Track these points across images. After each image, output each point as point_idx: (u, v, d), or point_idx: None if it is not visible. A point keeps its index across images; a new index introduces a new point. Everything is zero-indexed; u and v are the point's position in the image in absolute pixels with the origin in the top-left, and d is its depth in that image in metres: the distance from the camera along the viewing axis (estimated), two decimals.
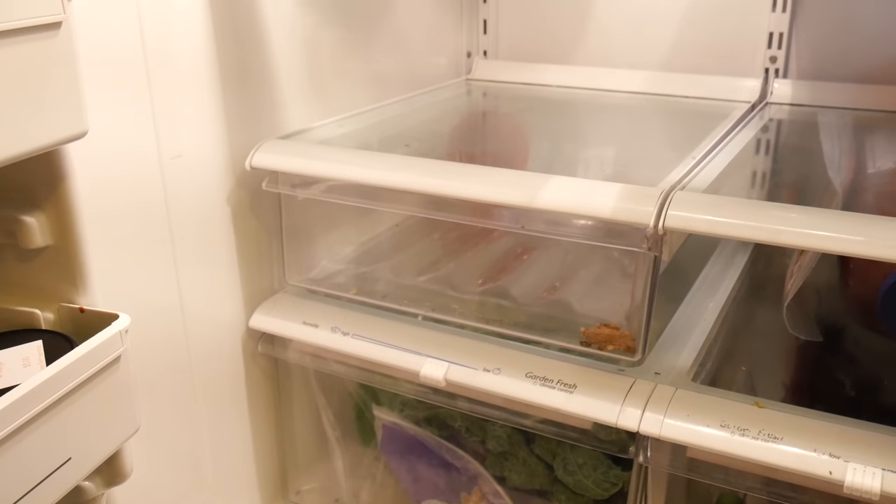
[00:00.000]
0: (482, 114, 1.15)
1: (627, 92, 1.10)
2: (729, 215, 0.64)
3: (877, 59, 0.99)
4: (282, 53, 0.86)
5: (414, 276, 0.90)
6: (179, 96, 0.74)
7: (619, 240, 0.69)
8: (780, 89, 1.04)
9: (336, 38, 0.94)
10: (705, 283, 0.89)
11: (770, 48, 1.04)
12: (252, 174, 0.82)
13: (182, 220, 0.76)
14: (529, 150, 0.96)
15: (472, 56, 1.23)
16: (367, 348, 0.80)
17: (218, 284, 0.83)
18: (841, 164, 0.84)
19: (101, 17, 0.64)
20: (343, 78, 0.96)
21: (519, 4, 1.19)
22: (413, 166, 0.77)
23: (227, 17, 0.77)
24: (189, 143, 0.76)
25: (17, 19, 0.42)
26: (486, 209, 0.75)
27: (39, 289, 0.56)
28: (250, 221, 0.85)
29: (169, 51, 0.72)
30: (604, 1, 1.13)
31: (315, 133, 0.88)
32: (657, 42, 1.11)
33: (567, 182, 0.70)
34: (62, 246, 0.54)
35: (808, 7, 1.02)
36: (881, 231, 0.60)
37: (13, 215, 0.54)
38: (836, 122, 0.98)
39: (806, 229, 0.61)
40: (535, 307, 0.83)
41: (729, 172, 0.78)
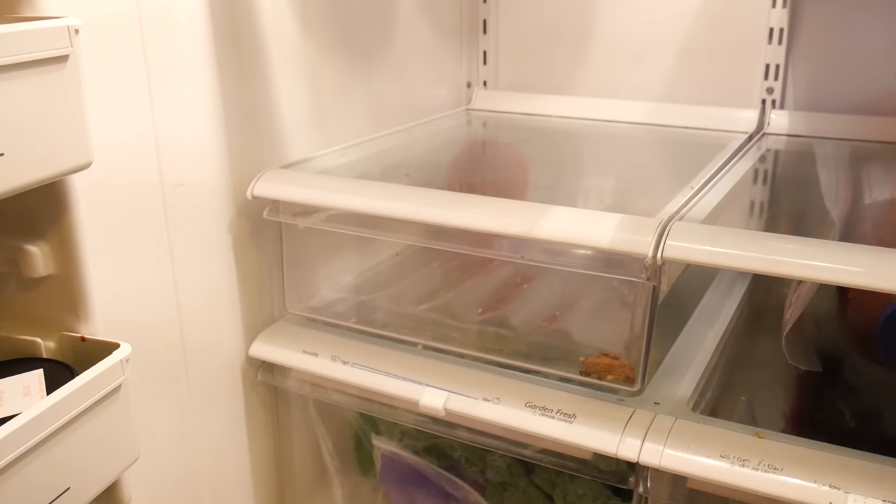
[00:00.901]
0: (482, 144, 1.16)
1: (626, 122, 1.11)
2: (727, 246, 0.64)
3: (872, 90, 1.00)
4: (284, 84, 0.87)
5: (414, 305, 0.90)
6: (183, 125, 0.74)
7: (618, 270, 0.69)
8: (778, 120, 1.05)
9: (338, 68, 0.95)
10: (704, 312, 0.90)
11: (767, 80, 1.05)
12: (253, 203, 0.82)
13: (183, 249, 0.77)
14: (529, 179, 0.96)
15: (472, 86, 1.24)
16: (366, 377, 0.80)
17: (218, 313, 0.83)
18: (838, 195, 0.85)
19: (106, 47, 0.65)
20: (344, 108, 0.97)
21: (518, 36, 1.20)
22: (413, 196, 0.77)
23: (230, 48, 0.78)
24: (191, 171, 0.76)
25: (25, 52, 0.43)
26: (485, 239, 0.75)
27: (41, 317, 0.56)
28: (251, 250, 0.85)
29: (173, 80, 0.72)
30: (602, 32, 1.14)
31: (316, 162, 0.89)
32: (655, 73, 1.12)
33: (566, 212, 0.71)
34: (64, 275, 0.55)
35: (803, 40, 1.03)
36: (879, 262, 0.60)
37: (16, 244, 0.54)
38: (833, 152, 0.99)
39: (804, 260, 0.62)
40: (534, 336, 0.83)
41: (727, 203, 0.78)
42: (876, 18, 0.99)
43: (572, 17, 1.15)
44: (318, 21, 0.90)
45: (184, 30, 0.73)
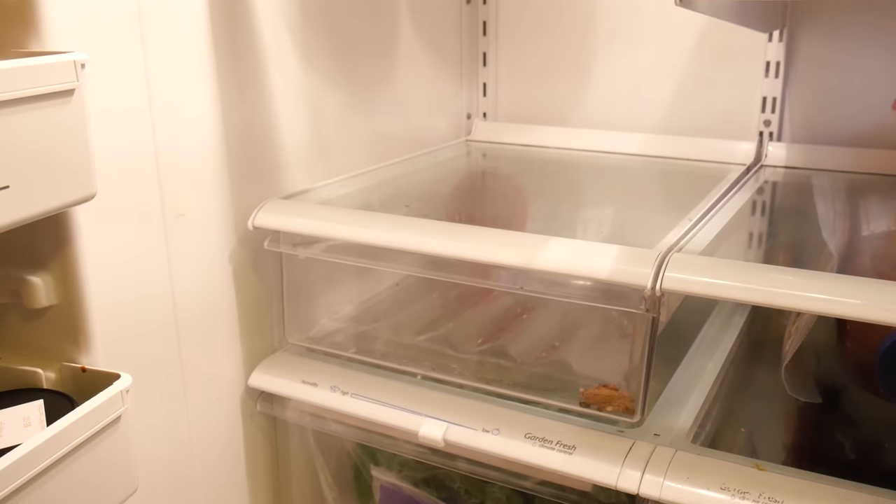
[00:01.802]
0: (481, 175, 1.17)
1: (625, 154, 1.12)
2: (726, 277, 0.64)
3: (868, 123, 1.01)
4: (286, 115, 0.88)
5: (413, 336, 0.90)
6: (185, 155, 0.75)
7: (617, 301, 0.70)
8: (775, 152, 1.06)
9: (339, 100, 0.96)
10: (703, 343, 0.90)
11: (764, 112, 1.06)
12: (254, 233, 0.83)
13: (184, 279, 0.77)
14: (528, 210, 0.97)
15: (472, 118, 1.25)
16: (365, 408, 0.80)
17: (218, 343, 0.83)
18: (835, 227, 0.85)
19: (110, 79, 0.66)
20: (345, 139, 0.98)
21: (518, 68, 1.22)
22: (413, 227, 0.78)
23: (233, 80, 0.79)
24: (193, 202, 0.77)
25: (33, 87, 0.43)
26: (485, 269, 0.76)
27: (42, 348, 0.57)
28: (251, 280, 0.86)
29: (176, 111, 0.73)
30: (601, 65, 1.16)
31: (317, 193, 0.90)
32: (654, 105, 1.13)
33: (565, 243, 0.71)
34: (66, 306, 0.55)
35: (799, 73, 1.05)
36: (878, 294, 0.60)
37: (19, 275, 0.55)
38: (830, 184, 0.99)
39: (803, 292, 0.62)
40: (534, 367, 0.83)
41: (725, 234, 0.79)
42: (871, 52, 1.00)
43: (571, 50, 1.17)
44: (319, 53, 0.92)
45: (187, 62, 0.74)
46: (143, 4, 0.68)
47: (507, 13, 1.20)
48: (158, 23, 0.70)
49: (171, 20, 0.71)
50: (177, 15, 0.72)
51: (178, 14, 0.72)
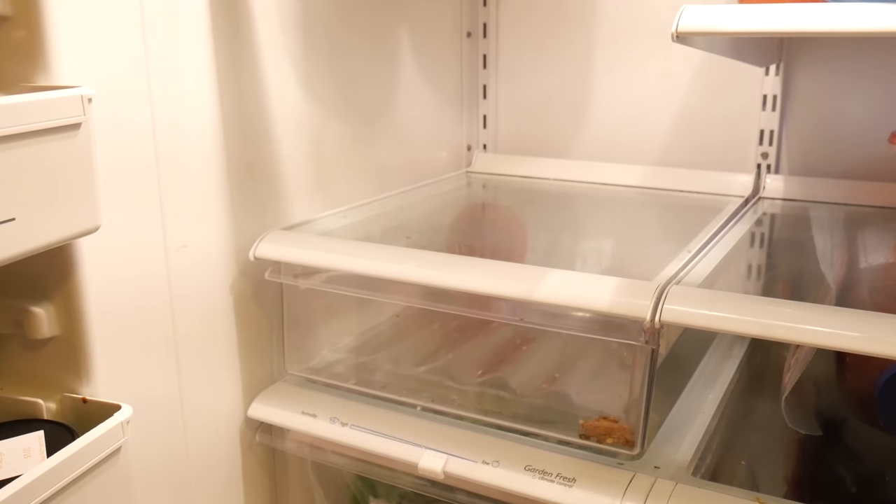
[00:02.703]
0: (481, 206, 1.17)
1: (623, 185, 1.13)
2: (725, 310, 0.65)
3: (864, 156, 1.02)
4: (288, 146, 0.88)
5: (413, 367, 0.90)
6: (188, 187, 0.76)
7: (617, 333, 0.70)
8: (773, 184, 1.07)
9: (340, 132, 0.97)
10: (703, 374, 0.90)
11: (761, 145, 1.07)
12: (255, 264, 0.83)
13: (185, 309, 0.77)
14: (528, 242, 0.97)
15: (472, 149, 1.26)
16: (365, 439, 0.79)
17: (218, 373, 0.83)
18: (833, 259, 0.86)
19: (114, 113, 0.67)
20: (346, 170, 0.99)
21: (518, 100, 1.23)
22: (413, 258, 0.78)
23: (235, 112, 0.80)
24: (195, 233, 0.77)
25: (40, 121, 0.44)
26: (485, 301, 0.76)
27: (43, 378, 0.57)
28: (252, 311, 0.86)
29: (179, 143, 0.74)
30: (600, 97, 1.17)
31: (318, 224, 0.90)
32: (652, 137, 1.14)
33: (565, 275, 0.71)
34: (68, 337, 0.55)
35: (796, 106, 1.06)
36: (876, 327, 0.61)
37: (22, 305, 0.55)
38: (828, 216, 1.00)
39: (802, 324, 0.62)
40: (534, 399, 0.83)
41: (724, 266, 0.79)
42: (866, 86, 1.01)
43: (570, 83, 1.18)
44: (321, 86, 0.93)
45: (191, 93, 0.75)
46: (148, 38, 0.69)
47: (507, 47, 1.22)
48: (163, 55, 0.71)
49: (175, 53, 0.72)
50: (181, 48, 0.73)
51: (182, 47, 0.73)
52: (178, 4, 0.72)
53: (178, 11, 0.72)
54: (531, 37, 1.19)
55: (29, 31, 0.48)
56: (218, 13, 0.76)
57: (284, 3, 0.86)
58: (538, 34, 1.19)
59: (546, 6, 1.17)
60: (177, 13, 0.72)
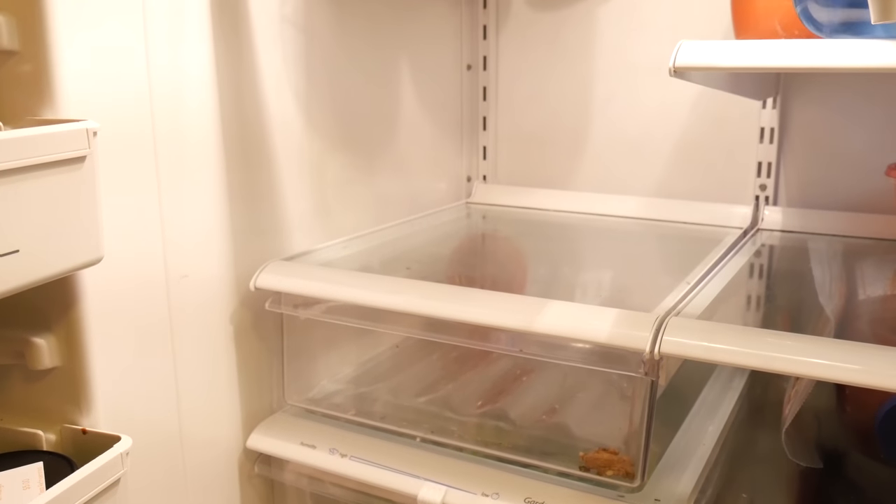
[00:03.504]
0: (481, 237, 1.18)
1: (622, 217, 1.13)
2: (724, 342, 0.65)
3: (861, 188, 1.03)
4: (289, 177, 0.89)
5: (413, 398, 0.90)
6: (189, 218, 0.76)
7: (616, 364, 0.70)
8: (771, 216, 1.07)
9: (341, 163, 0.98)
10: (703, 406, 0.89)
11: (760, 177, 1.08)
12: (256, 294, 0.83)
13: (185, 340, 0.77)
14: (527, 273, 0.98)
15: (472, 180, 1.27)
16: (364, 471, 0.79)
17: (217, 404, 0.83)
18: (832, 291, 0.86)
19: (118, 143, 0.67)
20: (347, 201, 1.00)
21: (517, 132, 1.24)
22: (413, 289, 0.78)
23: (237, 142, 0.81)
24: (196, 263, 0.78)
25: (46, 154, 0.45)
26: (485, 332, 0.76)
27: (43, 409, 0.57)
28: (252, 341, 0.86)
29: (181, 174, 0.75)
30: (598, 129, 1.18)
31: (319, 254, 0.91)
32: (651, 169, 1.15)
33: (564, 307, 0.72)
34: (69, 367, 0.55)
35: (793, 139, 1.07)
36: (876, 359, 0.61)
37: (23, 336, 0.55)
38: (826, 248, 1.00)
39: (801, 357, 0.62)
40: (533, 430, 0.83)
41: (723, 298, 0.79)
42: (862, 119, 1.02)
43: (569, 115, 1.19)
44: (323, 117, 0.94)
45: (193, 126, 0.76)
46: (152, 72, 0.70)
47: (507, 79, 1.23)
48: (166, 88, 0.72)
49: (178, 83, 0.73)
50: (185, 77, 0.74)
51: (185, 75, 0.74)
52: (182, 36, 0.73)
53: (182, 42, 0.73)
54: (530, 69, 1.21)
55: (35, 65, 0.49)
56: (221, 45, 0.77)
57: (287, 36, 0.87)
58: (537, 67, 1.20)
59: (545, 39, 1.19)
60: (181, 44, 0.73)
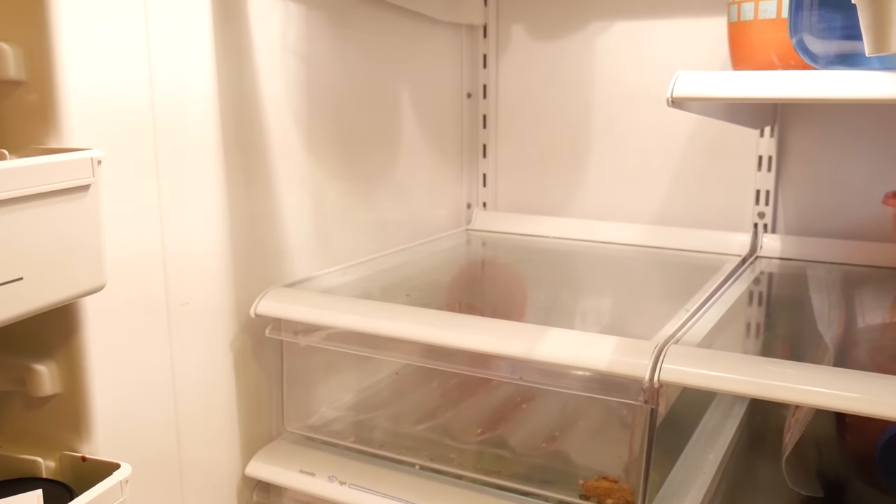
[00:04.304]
0: (481, 263, 1.18)
1: (622, 244, 1.14)
2: (723, 370, 0.65)
3: (859, 216, 1.04)
4: (290, 204, 0.90)
5: (412, 425, 0.90)
6: (191, 244, 0.77)
7: (616, 392, 0.70)
8: (770, 244, 1.08)
9: (342, 190, 0.98)
10: (704, 434, 0.89)
11: (758, 204, 1.09)
12: (256, 321, 0.84)
13: (185, 366, 0.77)
14: (527, 300, 0.98)
15: (472, 207, 1.27)
16: (363, 498, 0.79)
17: (216, 431, 0.83)
18: (831, 319, 0.86)
19: (121, 170, 0.68)
20: (348, 228, 1.00)
21: (517, 159, 1.25)
22: (413, 316, 0.79)
23: (239, 169, 0.82)
24: (197, 290, 0.78)
25: (51, 182, 0.45)
26: (484, 359, 0.76)
27: (43, 436, 0.57)
28: (252, 368, 0.86)
29: (184, 202, 0.75)
30: (598, 157, 1.19)
31: (319, 281, 0.91)
32: (650, 196, 1.16)
33: (563, 334, 0.72)
34: (70, 394, 0.55)
35: (791, 167, 1.07)
36: (876, 388, 0.61)
37: (24, 363, 0.55)
38: (825, 276, 1.01)
39: (801, 385, 0.62)
40: (533, 458, 0.83)
41: (722, 325, 0.79)
42: (859, 148, 1.03)
43: (568, 143, 1.20)
44: (324, 145, 0.94)
45: (195, 152, 0.76)
46: (156, 102, 0.70)
47: (507, 107, 1.24)
48: (169, 117, 0.72)
49: (181, 113, 0.74)
50: (187, 107, 0.75)
51: (188, 106, 0.75)
52: (185, 65, 0.74)
53: (185, 72, 0.74)
54: (530, 98, 1.22)
55: (42, 95, 0.50)
56: (224, 74, 0.78)
57: (289, 65, 0.88)
58: (536, 95, 1.21)
59: (544, 68, 1.20)
60: (184, 74, 0.74)
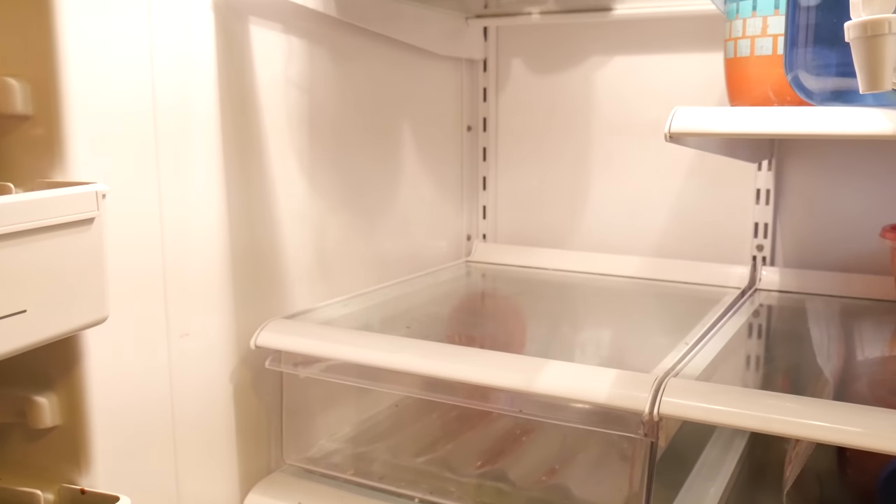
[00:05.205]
0: (481, 295, 1.18)
1: (621, 276, 1.14)
2: (723, 403, 0.65)
3: (857, 249, 1.04)
4: (291, 236, 0.90)
5: (412, 457, 0.89)
6: (192, 277, 0.77)
7: (616, 425, 0.70)
8: (769, 276, 1.08)
9: (343, 222, 0.99)
10: (704, 467, 0.89)
11: (756, 237, 1.09)
12: (256, 352, 0.84)
13: (184, 398, 0.77)
14: (526, 332, 0.98)
15: (472, 239, 1.28)
16: None
17: (215, 463, 0.82)
18: (830, 352, 0.86)
19: (124, 206, 0.68)
20: (348, 259, 1.01)
21: (516, 192, 1.26)
22: (413, 348, 0.79)
23: (241, 204, 0.82)
24: (197, 321, 0.78)
25: (56, 216, 0.46)
26: (484, 392, 0.76)
27: (42, 468, 0.57)
28: (251, 399, 0.86)
29: (185, 233, 0.76)
30: (597, 189, 1.19)
31: (319, 313, 0.91)
32: (649, 229, 1.16)
33: (563, 367, 0.72)
34: (70, 427, 0.55)
35: (789, 200, 1.08)
36: (876, 422, 0.61)
37: (25, 395, 0.55)
38: (824, 309, 1.01)
39: (801, 419, 0.62)
40: (533, 491, 0.82)
41: (721, 358, 0.79)
42: (856, 181, 1.04)
43: (568, 175, 1.21)
44: (325, 177, 0.95)
45: (199, 186, 0.77)
46: (159, 129, 0.71)
47: (506, 140, 1.25)
48: (173, 147, 0.73)
49: (184, 143, 0.75)
50: (190, 139, 0.75)
51: (191, 138, 0.75)
52: (188, 103, 0.75)
53: (188, 109, 0.75)
54: (529, 130, 1.23)
55: (48, 129, 0.50)
56: (227, 111, 0.79)
57: (292, 100, 0.89)
58: (536, 128, 1.22)
59: (543, 102, 1.21)
60: (187, 111, 0.75)
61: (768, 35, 0.75)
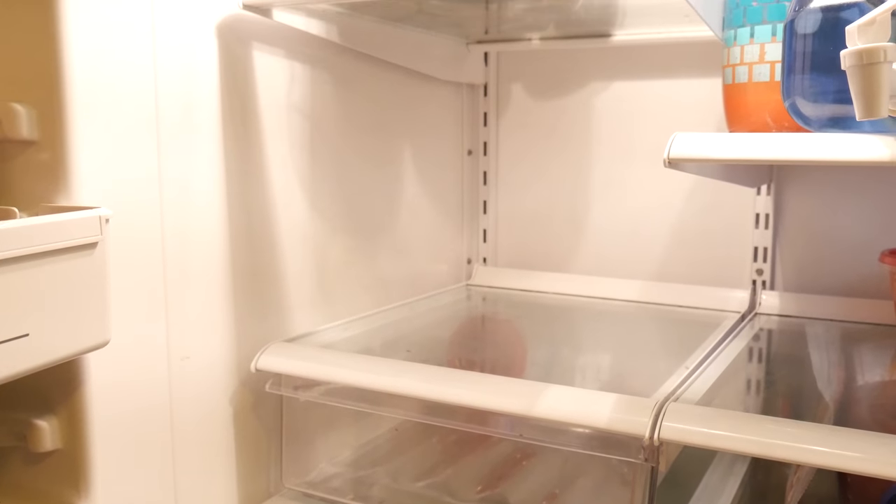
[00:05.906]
0: (481, 319, 1.18)
1: (621, 300, 1.14)
2: (723, 428, 0.65)
3: (857, 273, 1.04)
4: (292, 259, 0.90)
5: (412, 482, 0.89)
6: (193, 300, 0.77)
7: (616, 450, 0.70)
8: (769, 300, 1.08)
9: (343, 245, 0.99)
10: (705, 492, 0.88)
11: (756, 261, 1.09)
12: (256, 375, 0.84)
13: (184, 421, 0.77)
14: (527, 355, 0.98)
15: (473, 263, 1.28)
16: None
17: (214, 487, 0.82)
18: (830, 377, 0.86)
19: (125, 227, 0.68)
20: (348, 283, 1.01)
21: (517, 215, 1.26)
22: (413, 372, 0.79)
23: (243, 226, 0.83)
24: (198, 344, 0.78)
25: (60, 240, 0.46)
26: (484, 416, 0.76)
27: (42, 492, 0.56)
28: (251, 422, 0.86)
29: (186, 256, 0.76)
30: (597, 213, 1.20)
31: (320, 336, 0.91)
32: (649, 253, 1.17)
33: (563, 391, 0.72)
34: (70, 450, 0.55)
35: (788, 225, 1.08)
36: (877, 447, 0.61)
37: (26, 418, 0.55)
38: (824, 333, 1.01)
39: (802, 444, 0.62)
40: None
41: (722, 382, 0.79)
42: (855, 206, 1.04)
43: (568, 199, 1.22)
44: (326, 201, 0.95)
45: (200, 208, 0.77)
46: (162, 156, 0.72)
47: (507, 164, 1.26)
48: (175, 172, 0.74)
49: (187, 170, 0.75)
50: (193, 165, 0.76)
51: (194, 164, 0.76)
52: (191, 127, 0.75)
53: (191, 133, 0.75)
54: (530, 155, 1.24)
55: (53, 154, 0.51)
56: (230, 132, 0.80)
57: (294, 123, 0.89)
58: (536, 152, 1.23)
59: (544, 127, 1.22)
60: (190, 135, 0.75)
61: (766, 62, 0.76)
